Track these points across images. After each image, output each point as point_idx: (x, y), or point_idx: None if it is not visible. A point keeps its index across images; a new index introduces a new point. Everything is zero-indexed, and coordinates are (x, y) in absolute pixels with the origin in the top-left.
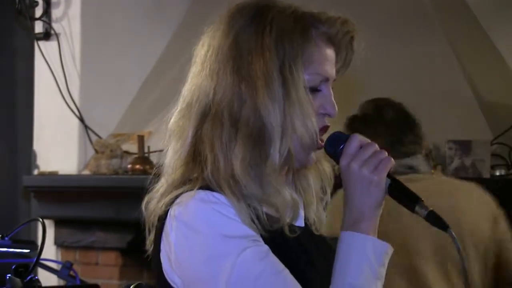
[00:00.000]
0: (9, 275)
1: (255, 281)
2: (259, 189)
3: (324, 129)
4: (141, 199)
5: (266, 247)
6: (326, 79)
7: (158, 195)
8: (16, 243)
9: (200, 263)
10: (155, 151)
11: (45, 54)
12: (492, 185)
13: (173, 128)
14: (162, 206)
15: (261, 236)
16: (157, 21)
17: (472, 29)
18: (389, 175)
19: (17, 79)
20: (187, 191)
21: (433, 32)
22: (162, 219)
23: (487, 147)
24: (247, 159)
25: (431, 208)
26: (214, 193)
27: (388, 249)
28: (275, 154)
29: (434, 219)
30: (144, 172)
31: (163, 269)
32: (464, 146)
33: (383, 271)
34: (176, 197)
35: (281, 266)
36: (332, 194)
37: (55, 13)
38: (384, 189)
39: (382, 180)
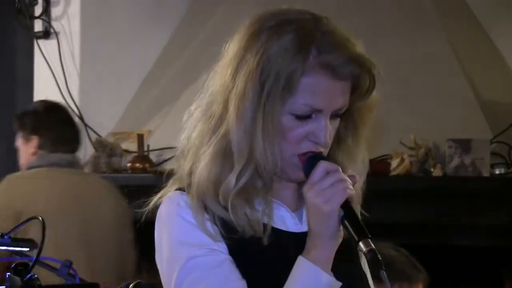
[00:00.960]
0: (9, 273)
1: None
2: (218, 205)
3: (308, 153)
4: (140, 197)
5: (222, 257)
6: (318, 111)
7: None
8: (16, 241)
9: (162, 261)
10: (154, 150)
11: (44, 52)
12: (491, 184)
13: (191, 113)
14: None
15: (227, 244)
16: (157, 20)
17: (472, 29)
18: (344, 206)
19: (16, 77)
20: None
21: (433, 32)
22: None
23: (487, 145)
24: (212, 176)
25: (373, 247)
26: (184, 195)
27: (332, 282)
28: (232, 179)
29: (372, 258)
30: (144, 170)
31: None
32: (464, 145)
33: None
34: (164, 193)
35: (236, 276)
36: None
37: (55, 11)
38: (338, 220)
39: (333, 212)
